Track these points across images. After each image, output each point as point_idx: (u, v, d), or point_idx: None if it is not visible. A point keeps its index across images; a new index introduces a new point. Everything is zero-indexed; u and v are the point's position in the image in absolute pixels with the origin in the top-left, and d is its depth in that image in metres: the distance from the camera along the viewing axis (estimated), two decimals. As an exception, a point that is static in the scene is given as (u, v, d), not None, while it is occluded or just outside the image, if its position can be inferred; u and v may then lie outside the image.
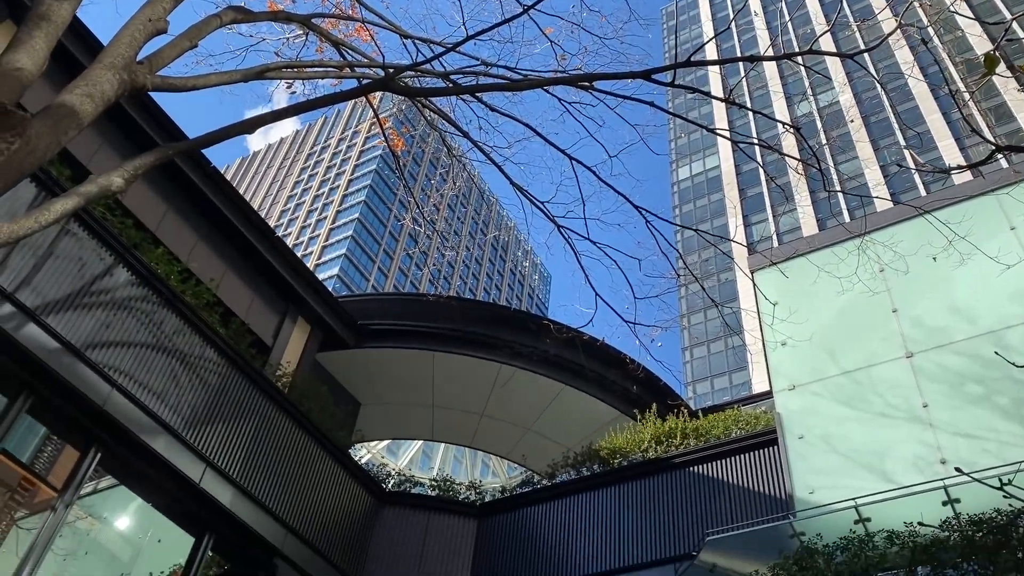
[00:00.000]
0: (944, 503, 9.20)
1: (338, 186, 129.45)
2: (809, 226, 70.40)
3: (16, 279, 8.97)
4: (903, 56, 73.41)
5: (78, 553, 10.04)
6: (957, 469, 7.37)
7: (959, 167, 5.98)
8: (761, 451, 12.50)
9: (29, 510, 9.60)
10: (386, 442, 24.86)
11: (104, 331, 9.91)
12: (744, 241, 63.29)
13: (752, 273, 13.52)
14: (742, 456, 12.61)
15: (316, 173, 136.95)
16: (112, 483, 10.47)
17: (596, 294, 10.25)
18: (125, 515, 10.99)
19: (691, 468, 12.90)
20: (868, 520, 9.49)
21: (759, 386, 22.18)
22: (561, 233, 10.10)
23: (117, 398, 9.82)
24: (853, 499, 9.69)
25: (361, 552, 13.31)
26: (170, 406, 10.53)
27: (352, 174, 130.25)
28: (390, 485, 14.90)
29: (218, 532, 11.02)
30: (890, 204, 13.61)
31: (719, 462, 12.75)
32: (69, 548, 9.76)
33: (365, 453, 22.10)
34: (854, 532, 9.29)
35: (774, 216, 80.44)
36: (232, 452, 11.27)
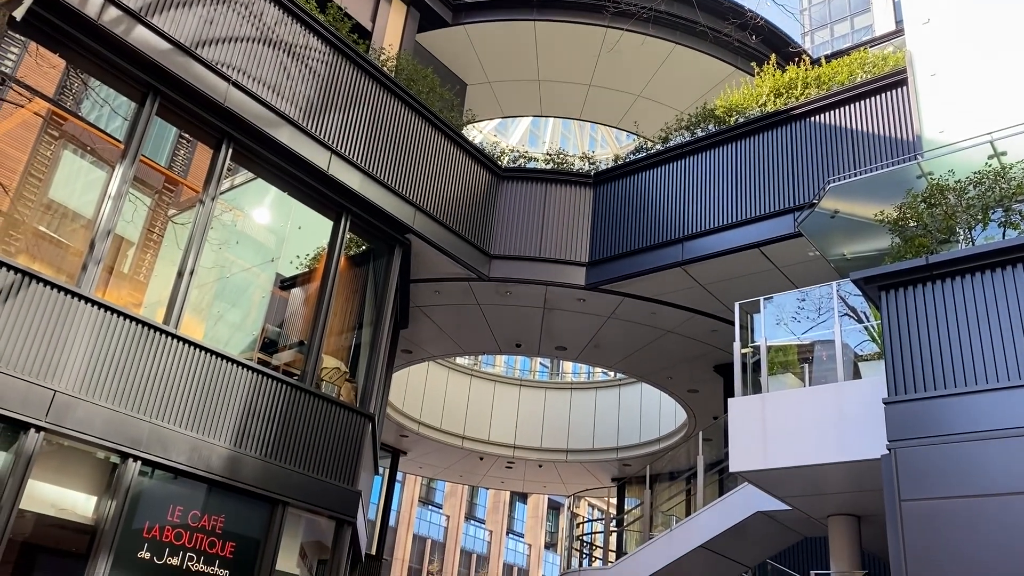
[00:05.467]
0: (1094, 130, 8.64)
1: None
2: None
3: (112, -19, 8.86)
4: None
5: (230, 242, 10.95)
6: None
7: None
8: (888, 93, 11.84)
9: (178, 208, 10.38)
10: (494, 123, 25.03)
11: (208, 28, 9.87)
12: None
13: None
14: (867, 101, 12.00)
15: None
16: (248, 177, 11.07)
17: (709, -67, 9.29)
18: (265, 207, 11.75)
19: (812, 119, 12.44)
20: (1004, 154, 9.07)
21: (885, 27, 20.55)
22: None
23: (235, 93, 10.04)
24: (988, 133, 9.21)
25: (486, 225, 13.98)
26: (285, 98, 10.72)
27: None
28: (505, 162, 15.17)
29: (352, 214, 11.71)
30: None
31: (842, 110, 12.22)
32: (221, 239, 10.62)
33: (477, 134, 22.37)
34: (988, 166, 8.95)
35: None
36: (353, 140, 11.59)
